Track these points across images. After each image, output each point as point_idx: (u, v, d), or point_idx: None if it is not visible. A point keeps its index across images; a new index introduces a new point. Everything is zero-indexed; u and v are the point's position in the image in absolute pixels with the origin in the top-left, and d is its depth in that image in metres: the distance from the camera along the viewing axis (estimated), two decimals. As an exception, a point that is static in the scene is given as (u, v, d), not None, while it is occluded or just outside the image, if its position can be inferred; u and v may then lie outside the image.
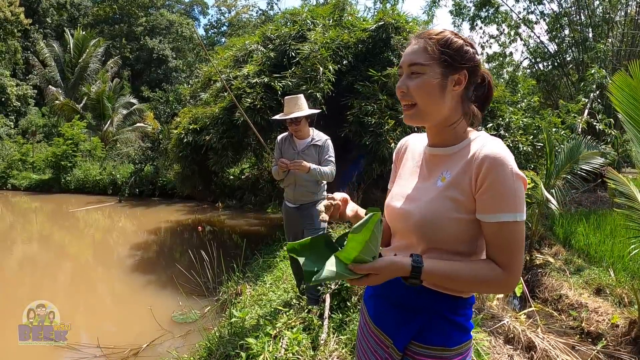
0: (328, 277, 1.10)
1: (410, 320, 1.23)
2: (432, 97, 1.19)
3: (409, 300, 1.23)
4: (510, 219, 1.10)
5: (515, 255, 1.13)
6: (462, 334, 1.22)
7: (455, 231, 1.17)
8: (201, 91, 8.95)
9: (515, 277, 1.13)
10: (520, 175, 1.12)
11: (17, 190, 19.79)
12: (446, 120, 1.23)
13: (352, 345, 3.11)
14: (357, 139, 6.76)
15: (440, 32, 1.23)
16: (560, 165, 5.98)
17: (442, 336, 1.20)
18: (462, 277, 1.13)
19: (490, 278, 1.13)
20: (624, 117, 3.55)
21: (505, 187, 1.10)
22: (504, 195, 1.10)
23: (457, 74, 1.20)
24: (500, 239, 1.12)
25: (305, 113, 3.81)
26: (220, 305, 5.07)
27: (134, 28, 36.13)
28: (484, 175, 1.11)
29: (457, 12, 15.17)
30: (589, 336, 4.15)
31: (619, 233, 6.16)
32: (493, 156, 1.11)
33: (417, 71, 1.20)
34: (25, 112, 28.82)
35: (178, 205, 14.47)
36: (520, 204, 1.11)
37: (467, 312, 1.24)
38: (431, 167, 1.29)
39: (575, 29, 12.20)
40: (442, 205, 1.18)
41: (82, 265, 8.19)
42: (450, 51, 1.19)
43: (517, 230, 1.12)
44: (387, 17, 7.36)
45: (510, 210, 1.10)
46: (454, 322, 1.21)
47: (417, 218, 1.22)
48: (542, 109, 8.87)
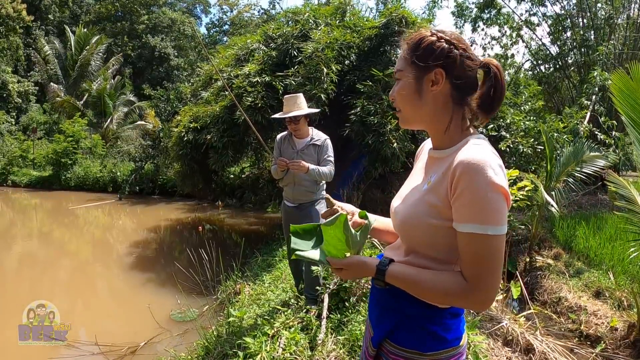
0: (309, 259, 1.27)
1: (385, 318, 1.24)
2: (410, 100, 1.20)
3: (387, 300, 1.24)
4: (479, 231, 1.02)
5: (483, 270, 1.05)
6: (437, 343, 1.17)
7: (429, 236, 1.15)
8: (202, 90, 8.95)
9: (483, 293, 1.06)
10: (498, 185, 1.02)
11: (18, 186, 19.80)
12: (435, 124, 1.21)
13: (349, 346, 3.10)
14: (359, 139, 6.75)
15: (415, 34, 1.21)
16: (561, 168, 5.97)
17: (413, 340, 1.18)
18: (424, 285, 1.11)
19: (452, 290, 1.07)
20: (626, 120, 3.54)
21: (476, 196, 1.02)
22: (474, 205, 1.03)
23: (431, 73, 1.16)
24: (468, 250, 1.06)
25: (304, 112, 3.81)
26: (219, 304, 5.07)
27: (135, 26, 36.11)
28: (457, 182, 1.05)
29: (459, 13, 15.15)
30: (587, 339, 4.15)
31: (619, 236, 6.14)
32: (467, 162, 1.04)
33: (398, 77, 1.22)
34: (26, 108, 28.83)
35: (178, 204, 14.46)
36: (493, 216, 1.02)
37: (445, 322, 1.18)
38: (427, 170, 1.28)
39: (577, 32, 12.19)
40: (419, 210, 1.17)
41: (81, 263, 8.20)
42: (420, 51, 1.17)
43: (487, 244, 1.03)
44: (398, 11, 7.37)
45: (480, 221, 1.02)
46: (427, 329, 1.17)
47: (399, 218, 1.25)
48: (544, 112, 8.87)
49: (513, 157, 7.07)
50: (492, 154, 1.09)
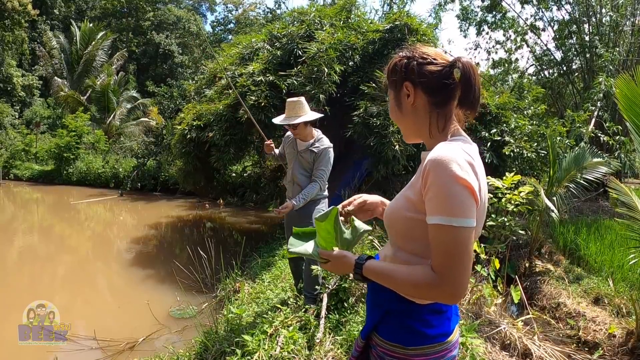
0: (301, 253, 1.38)
1: (372, 313, 1.33)
2: (396, 118, 1.34)
3: (372, 296, 1.34)
4: (444, 222, 1.07)
5: (450, 262, 1.09)
6: (418, 338, 1.22)
7: (406, 229, 1.23)
8: (206, 88, 8.96)
9: (451, 285, 1.09)
10: (462, 179, 1.07)
11: (20, 180, 19.86)
12: (419, 132, 1.31)
13: (347, 346, 3.11)
14: (362, 141, 6.75)
15: (391, 61, 1.35)
16: (564, 174, 5.97)
17: (394, 334, 1.24)
18: (397, 279, 1.17)
19: (423, 282, 1.12)
20: (631, 125, 3.55)
21: (441, 189, 1.08)
22: (439, 198, 1.09)
23: (402, 89, 1.28)
24: (436, 242, 1.11)
25: (300, 120, 3.76)
26: (218, 302, 5.08)
27: (141, 22, 36.20)
28: (425, 178, 1.13)
29: (464, 16, 15.14)
30: (585, 345, 4.14)
31: (619, 243, 6.14)
32: (433, 159, 1.12)
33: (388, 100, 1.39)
34: (30, 102, 28.93)
35: (179, 201, 14.48)
36: (458, 208, 1.07)
37: (425, 318, 1.23)
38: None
39: (583, 37, 12.18)
40: (398, 204, 1.27)
41: (81, 258, 8.21)
42: (389, 72, 1.33)
43: (452, 236, 1.07)
44: (402, 18, 7.36)
45: (445, 213, 1.07)
46: (407, 326, 1.22)
47: (385, 215, 1.34)
48: (547, 117, 8.86)
49: (516, 161, 7.07)
50: (461, 151, 1.15)
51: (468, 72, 1.20)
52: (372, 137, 6.56)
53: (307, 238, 1.42)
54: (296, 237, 1.43)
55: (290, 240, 1.42)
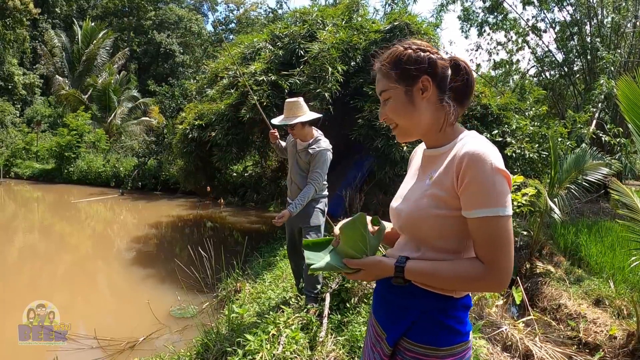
0: (325, 269, 1.28)
1: (401, 317, 1.27)
2: (406, 114, 1.26)
3: (401, 298, 1.28)
4: (491, 214, 1.10)
5: (498, 251, 1.12)
6: (452, 336, 1.22)
7: (440, 227, 1.20)
8: (207, 87, 8.95)
9: (501, 274, 1.12)
10: (502, 170, 1.11)
11: (20, 179, 19.86)
12: (432, 127, 1.27)
13: (349, 347, 3.11)
14: (368, 142, 6.74)
15: (390, 52, 1.30)
16: (564, 175, 5.96)
17: (430, 335, 1.22)
18: (443, 274, 1.17)
19: (472, 274, 1.14)
20: (632, 127, 3.54)
21: (485, 182, 1.10)
22: (484, 191, 1.10)
23: (419, 83, 1.24)
24: (482, 234, 1.13)
25: (297, 121, 3.77)
26: (219, 301, 5.08)
27: (142, 22, 36.22)
28: (464, 172, 1.13)
29: (465, 17, 15.13)
30: (586, 347, 4.14)
31: (620, 244, 6.13)
32: (472, 152, 1.12)
33: (386, 97, 1.29)
34: (31, 101, 28.94)
35: (180, 200, 14.49)
36: (501, 198, 1.10)
37: (458, 315, 1.24)
38: (425, 168, 1.33)
39: (584, 39, 12.17)
40: (425, 203, 1.22)
41: (81, 257, 8.21)
42: (402, 65, 1.25)
43: (499, 226, 1.11)
44: (402, 18, 7.35)
45: (490, 205, 1.10)
46: (443, 324, 1.22)
47: (405, 215, 1.29)
48: (548, 118, 8.85)
49: (518, 162, 7.06)
50: (491, 143, 1.18)
51: (467, 70, 1.27)
52: (378, 139, 6.54)
53: (320, 248, 1.37)
54: (309, 249, 1.37)
55: (307, 255, 1.34)
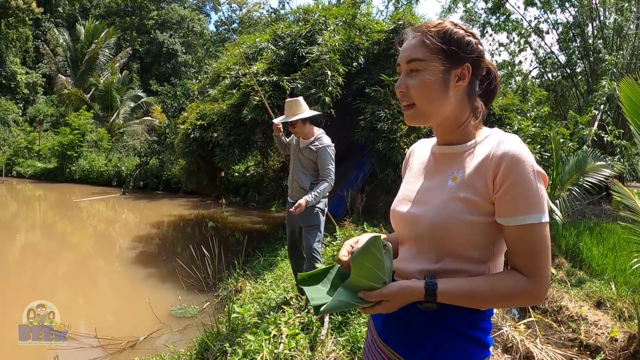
0: (336, 307, 1.06)
1: (423, 339, 1.11)
2: (434, 95, 1.10)
3: (421, 318, 1.11)
4: (536, 221, 1.00)
5: (542, 261, 1.02)
6: (480, 350, 1.11)
7: (469, 235, 1.07)
8: (209, 87, 8.96)
9: (544, 285, 1.03)
10: (542, 173, 1.03)
11: (22, 177, 19.89)
12: (453, 119, 1.14)
13: (350, 348, 3.11)
14: (370, 145, 6.74)
15: (439, 23, 1.12)
16: (566, 176, 5.95)
17: (459, 354, 1.09)
18: (483, 294, 1.04)
19: (515, 289, 1.03)
20: (634, 128, 3.53)
21: (528, 187, 1.00)
22: (528, 196, 1.00)
23: (459, 68, 1.10)
24: (526, 243, 1.02)
25: (297, 117, 3.85)
26: (220, 301, 5.08)
27: (145, 21, 36.26)
28: (504, 175, 1.01)
29: (468, 18, 15.12)
30: (587, 349, 4.13)
31: (621, 246, 6.12)
32: (512, 154, 1.01)
33: (417, 68, 1.10)
34: (33, 100, 28.99)
35: (181, 200, 14.49)
36: (543, 204, 1.01)
37: (485, 326, 1.13)
38: (441, 167, 1.18)
39: (586, 40, 12.15)
40: (454, 208, 1.07)
41: (83, 256, 8.22)
42: (451, 43, 1.09)
43: (543, 233, 1.02)
44: (406, 17, 7.35)
45: (535, 211, 1.00)
46: (472, 338, 1.10)
47: (427, 222, 1.11)
48: (550, 119, 8.84)
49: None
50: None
51: (495, 74, 1.19)
52: (380, 142, 6.54)
53: (317, 280, 1.16)
54: (307, 284, 1.15)
55: (309, 294, 1.12)
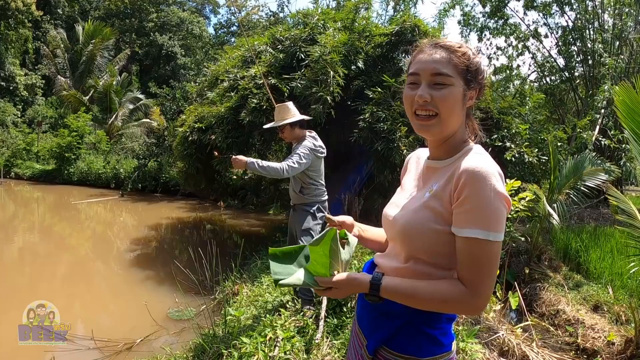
0: (292, 284, 1.23)
1: (382, 326, 1.23)
2: (455, 109, 1.19)
3: (384, 306, 1.22)
4: (482, 237, 1.05)
5: (483, 276, 1.08)
6: (435, 347, 1.19)
7: (432, 242, 1.16)
8: (208, 90, 8.96)
9: (481, 299, 1.09)
10: (502, 194, 1.07)
11: (20, 179, 19.87)
12: (453, 135, 1.24)
13: (345, 351, 3.10)
14: (368, 145, 6.74)
15: (460, 46, 1.22)
16: (564, 181, 5.96)
17: (412, 345, 1.19)
18: (422, 296, 1.12)
19: (452, 298, 1.09)
20: (629, 133, 3.54)
21: (482, 203, 1.06)
22: (479, 211, 1.06)
23: (472, 91, 1.22)
24: (469, 256, 1.08)
25: (282, 123, 3.92)
26: (217, 304, 5.08)
27: (144, 23, 36.28)
28: (461, 188, 1.09)
29: (466, 22, 15.13)
30: (584, 353, 4.13)
31: (619, 250, 6.13)
32: (472, 169, 1.08)
33: (443, 82, 1.17)
34: (32, 101, 28.97)
35: (180, 202, 14.49)
36: (496, 222, 1.06)
37: (442, 326, 1.21)
38: (425, 179, 1.30)
39: (585, 44, 12.18)
40: (422, 215, 1.18)
41: (81, 258, 8.21)
42: (473, 68, 1.20)
43: (488, 250, 1.07)
44: (411, 20, 7.37)
45: (483, 227, 1.05)
46: (427, 334, 1.19)
47: (400, 225, 1.23)
48: (548, 123, 8.86)
49: (517, 167, 7.05)
50: (494, 162, 1.14)
51: None
52: (378, 142, 6.54)
53: (288, 259, 1.30)
54: (276, 259, 1.29)
55: (273, 268, 1.26)
